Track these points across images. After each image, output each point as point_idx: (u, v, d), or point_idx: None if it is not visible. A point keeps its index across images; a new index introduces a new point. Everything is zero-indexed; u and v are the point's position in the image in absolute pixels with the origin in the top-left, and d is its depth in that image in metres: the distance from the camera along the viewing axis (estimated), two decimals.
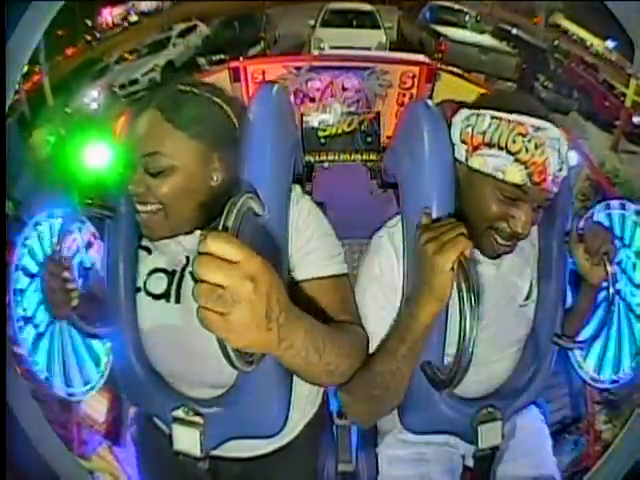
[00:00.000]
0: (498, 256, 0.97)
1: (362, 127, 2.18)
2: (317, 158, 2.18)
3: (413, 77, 2.27)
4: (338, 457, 1.33)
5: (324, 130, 2.17)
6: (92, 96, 8.49)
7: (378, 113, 2.19)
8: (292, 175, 1.01)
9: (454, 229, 0.82)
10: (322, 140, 2.17)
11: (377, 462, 1.17)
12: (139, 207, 0.92)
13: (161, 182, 0.89)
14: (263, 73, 2.26)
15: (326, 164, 2.19)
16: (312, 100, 2.31)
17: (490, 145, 0.88)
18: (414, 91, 2.29)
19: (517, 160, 0.85)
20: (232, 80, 2.23)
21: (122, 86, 8.57)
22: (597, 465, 0.95)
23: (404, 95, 2.30)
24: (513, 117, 0.87)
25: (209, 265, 0.56)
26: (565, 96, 8.47)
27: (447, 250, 0.80)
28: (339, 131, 2.17)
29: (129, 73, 8.69)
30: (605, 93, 8.52)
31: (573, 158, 2.04)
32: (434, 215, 0.93)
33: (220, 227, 0.64)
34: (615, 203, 1.15)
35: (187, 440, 0.98)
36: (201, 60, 8.94)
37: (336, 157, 2.18)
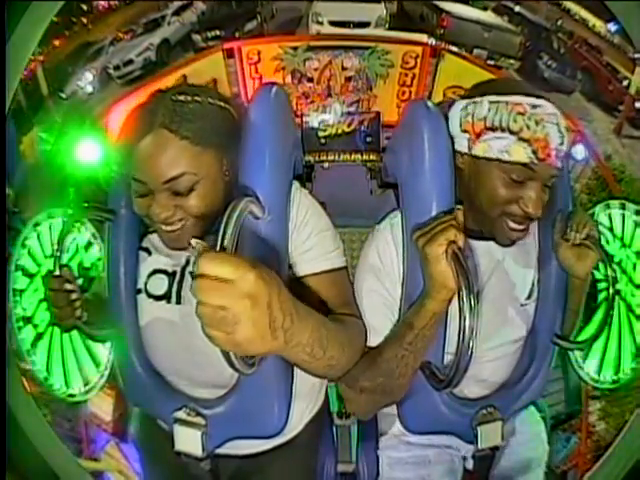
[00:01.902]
0: (512, 243, 0.98)
1: (362, 127, 2.15)
2: (317, 158, 2.16)
3: (416, 57, 2.22)
4: (338, 457, 1.33)
5: (324, 130, 2.14)
6: (87, 79, 8.33)
7: (378, 113, 2.16)
8: (292, 176, 1.00)
9: (443, 222, 0.87)
10: (322, 140, 2.14)
11: (378, 463, 1.17)
12: (165, 228, 0.90)
13: (189, 197, 0.88)
14: (259, 53, 2.21)
15: (326, 164, 2.18)
16: (310, 80, 2.26)
17: (493, 129, 0.88)
18: (417, 71, 2.24)
19: (520, 139, 0.86)
20: (226, 57, 2.18)
21: (117, 67, 8.41)
22: (597, 465, 0.95)
23: (406, 75, 2.26)
24: (510, 98, 0.88)
25: (206, 288, 0.56)
26: (568, 76, 8.32)
27: (436, 238, 0.84)
28: (339, 131, 2.14)
29: (124, 54, 8.49)
30: (608, 76, 8.38)
31: (581, 152, 2.03)
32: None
33: (220, 233, 0.65)
34: (615, 203, 1.15)
35: (189, 441, 0.99)
36: (196, 37, 8.72)
37: (336, 157, 2.17)
